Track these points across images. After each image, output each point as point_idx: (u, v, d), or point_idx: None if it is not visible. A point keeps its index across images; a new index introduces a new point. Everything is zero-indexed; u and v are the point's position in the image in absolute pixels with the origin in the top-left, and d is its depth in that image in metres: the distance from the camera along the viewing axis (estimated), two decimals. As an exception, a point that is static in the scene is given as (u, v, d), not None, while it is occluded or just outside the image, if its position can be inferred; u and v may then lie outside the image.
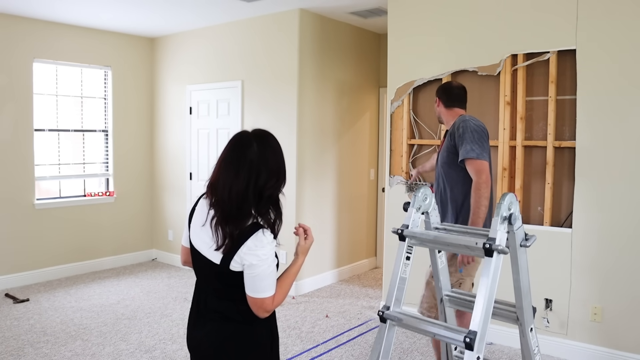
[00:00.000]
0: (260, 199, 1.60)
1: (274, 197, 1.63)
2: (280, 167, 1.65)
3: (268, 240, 1.59)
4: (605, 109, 3.31)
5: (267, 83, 5.08)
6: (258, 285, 1.59)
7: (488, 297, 1.99)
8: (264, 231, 1.59)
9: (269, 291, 1.61)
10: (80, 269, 5.70)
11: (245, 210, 1.59)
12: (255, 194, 1.59)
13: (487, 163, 2.74)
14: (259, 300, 1.60)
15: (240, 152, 1.61)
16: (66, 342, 3.79)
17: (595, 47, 3.33)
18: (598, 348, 3.39)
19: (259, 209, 1.61)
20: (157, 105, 6.25)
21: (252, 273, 1.58)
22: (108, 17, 5.17)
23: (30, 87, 5.23)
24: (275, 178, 1.62)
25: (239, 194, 1.57)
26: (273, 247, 1.62)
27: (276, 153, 1.65)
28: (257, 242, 1.57)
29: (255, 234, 1.58)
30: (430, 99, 4.13)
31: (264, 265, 1.58)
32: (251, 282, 1.59)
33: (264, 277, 1.59)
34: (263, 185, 1.59)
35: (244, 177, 1.57)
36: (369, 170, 5.86)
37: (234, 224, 1.58)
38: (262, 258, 1.58)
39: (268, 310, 1.63)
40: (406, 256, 2.32)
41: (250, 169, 1.58)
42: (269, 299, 1.61)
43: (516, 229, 2.20)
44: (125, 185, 6.09)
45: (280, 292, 1.66)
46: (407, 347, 3.73)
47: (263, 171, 1.59)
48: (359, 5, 4.67)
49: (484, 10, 3.77)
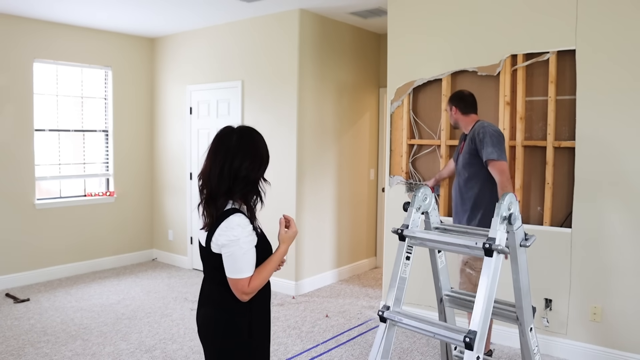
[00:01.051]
0: (236, 179, 1.77)
1: (249, 178, 1.80)
2: (256, 153, 1.82)
3: (238, 222, 1.74)
4: (605, 109, 3.31)
5: (267, 83, 5.08)
6: (232, 266, 1.75)
7: (488, 297, 1.99)
8: (236, 214, 1.75)
9: (244, 273, 1.75)
10: (80, 268, 5.70)
11: (222, 189, 1.77)
12: (230, 175, 1.77)
13: (506, 163, 3.10)
14: (235, 281, 1.75)
15: (220, 141, 1.81)
16: (66, 342, 3.79)
17: (595, 47, 3.33)
18: (598, 348, 3.39)
19: (234, 189, 1.78)
20: (158, 105, 6.26)
21: (226, 253, 1.75)
22: (108, 17, 5.17)
23: (30, 87, 5.24)
24: (250, 161, 1.79)
25: (216, 175, 1.77)
26: (246, 230, 1.76)
27: (254, 142, 1.84)
28: (227, 224, 1.74)
29: (228, 217, 1.75)
30: (430, 99, 4.13)
31: (235, 247, 1.73)
32: (226, 262, 1.76)
33: (236, 257, 1.74)
34: (238, 167, 1.77)
35: (220, 160, 1.78)
36: (369, 170, 5.87)
37: (215, 205, 1.78)
38: (232, 239, 1.73)
39: (245, 292, 1.76)
40: (406, 256, 2.32)
41: (226, 153, 1.78)
42: (244, 280, 1.75)
43: (516, 228, 2.20)
44: (125, 185, 6.09)
45: (257, 276, 1.78)
46: (407, 347, 3.74)
47: (238, 156, 1.77)
48: (359, 5, 4.67)
49: (484, 11, 3.77)
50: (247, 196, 1.82)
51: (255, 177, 1.82)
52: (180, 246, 6.08)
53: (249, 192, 1.82)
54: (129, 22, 5.42)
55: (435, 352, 3.66)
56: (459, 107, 3.32)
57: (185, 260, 6.01)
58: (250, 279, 1.76)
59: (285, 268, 4.98)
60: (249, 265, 1.76)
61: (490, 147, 3.07)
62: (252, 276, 1.77)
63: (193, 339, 3.87)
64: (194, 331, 4.02)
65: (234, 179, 1.77)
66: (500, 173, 3.07)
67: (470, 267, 3.25)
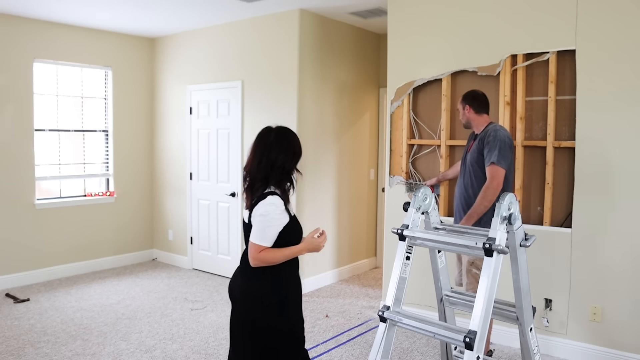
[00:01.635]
0: (272, 169, 2.15)
1: (284, 169, 2.17)
2: (290, 148, 2.20)
3: (272, 201, 2.11)
4: (605, 109, 3.31)
5: (267, 83, 5.08)
6: (255, 232, 2.12)
7: (488, 297, 1.99)
8: (273, 196, 2.13)
9: (262, 241, 2.11)
10: (80, 268, 5.70)
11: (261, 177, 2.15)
12: (267, 166, 2.15)
13: (503, 171, 3.09)
14: (252, 244, 2.12)
15: (260, 138, 2.22)
16: (66, 342, 3.79)
17: (595, 47, 3.33)
18: (598, 348, 3.39)
19: (272, 177, 2.16)
20: (158, 105, 6.26)
21: (256, 222, 2.13)
22: (108, 17, 5.17)
23: (30, 87, 5.24)
24: (284, 154, 2.17)
25: (256, 166, 2.16)
26: (278, 209, 2.12)
27: (288, 139, 2.22)
28: (264, 202, 2.12)
29: (266, 197, 2.12)
30: (430, 99, 4.13)
31: (264, 218, 2.11)
32: (253, 228, 2.14)
33: (261, 227, 2.11)
34: (274, 159, 2.15)
35: (260, 154, 2.17)
36: (369, 170, 5.87)
37: (255, 190, 2.17)
38: (264, 213, 2.11)
39: (254, 257, 2.11)
40: (406, 256, 2.32)
41: (265, 147, 2.18)
42: (258, 246, 2.11)
43: (516, 228, 2.20)
44: (125, 185, 6.09)
45: (270, 252, 2.11)
46: (407, 347, 3.74)
47: (274, 149, 2.16)
48: (359, 6, 4.67)
49: (484, 10, 3.77)
50: (281, 183, 2.18)
51: (289, 168, 2.19)
52: (180, 246, 6.08)
53: (283, 180, 2.18)
54: (129, 22, 5.42)
55: (435, 352, 3.66)
56: (473, 107, 3.30)
57: (185, 260, 6.01)
58: (264, 250, 2.10)
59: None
60: (269, 237, 2.11)
61: (493, 151, 3.08)
62: (267, 248, 2.11)
63: (193, 339, 3.87)
64: (194, 331, 4.02)
65: (271, 169, 2.15)
66: (491, 178, 3.08)
67: (476, 267, 3.24)
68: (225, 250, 5.59)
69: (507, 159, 3.10)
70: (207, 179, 5.72)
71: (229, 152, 5.47)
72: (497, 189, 3.06)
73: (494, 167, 3.07)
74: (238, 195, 5.38)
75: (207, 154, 5.69)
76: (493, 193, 3.06)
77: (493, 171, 3.08)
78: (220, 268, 5.64)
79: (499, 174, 3.07)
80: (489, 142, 3.12)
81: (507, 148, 3.10)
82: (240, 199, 5.36)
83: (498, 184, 3.07)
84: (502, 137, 3.11)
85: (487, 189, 3.08)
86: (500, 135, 3.12)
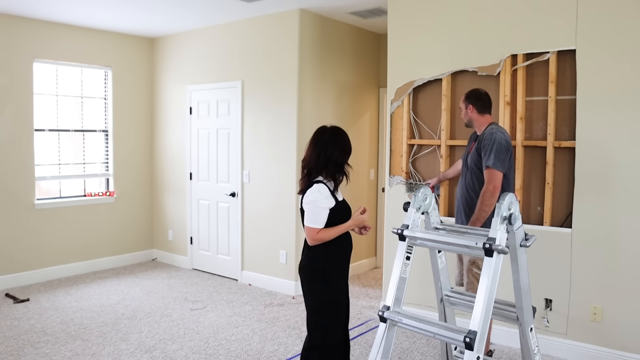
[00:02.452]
0: (328, 163, 2.59)
1: (338, 163, 2.61)
2: (342, 145, 2.65)
3: (317, 189, 2.55)
4: (605, 109, 3.31)
5: (267, 83, 5.08)
6: (308, 217, 2.56)
7: (488, 297, 1.99)
8: (319, 184, 2.56)
9: (312, 223, 2.55)
10: (80, 269, 5.70)
11: (317, 169, 2.59)
12: (324, 160, 2.59)
13: (499, 174, 3.07)
14: (307, 228, 2.56)
15: (317, 136, 2.67)
16: (66, 342, 3.79)
17: (595, 47, 3.33)
18: (598, 348, 3.39)
19: (328, 169, 2.60)
20: (157, 105, 6.26)
21: (306, 208, 2.57)
22: (108, 17, 5.17)
23: (30, 87, 5.24)
24: (338, 150, 2.62)
25: (314, 160, 2.60)
26: (323, 195, 2.54)
27: (341, 137, 2.68)
28: (311, 189, 2.56)
29: (313, 186, 2.56)
30: (430, 99, 4.13)
31: (313, 205, 2.54)
32: (305, 214, 2.59)
33: (311, 212, 2.55)
34: (330, 154, 2.59)
35: (318, 149, 2.61)
36: (369, 170, 5.87)
37: (309, 179, 2.61)
38: (311, 200, 2.55)
39: (313, 238, 2.55)
40: (406, 256, 2.32)
41: (322, 144, 2.61)
42: (312, 229, 2.55)
43: (516, 229, 2.20)
44: (125, 185, 6.09)
45: (326, 231, 2.55)
46: (407, 347, 3.74)
47: (330, 146, 2.60)
48: (359, 5, 4.67)
49: (484, 11, 3.77)
50: (335, 174, 2.61)
51: (342, 162, 2.63)
52: (180, 246, 6.08)
53: (337, 172, 2.61)
54: (129, 22, 5.42)
55: (435, 352, 3.66)
56: (476, 106, 3.26)
57: (185, 260, 6.01)
58: (320, 231, 2.54)
59: (284, 268, 5.01)
60: (319, 220, 2.54)
61: (492, 155, 3.05)
62: (322, 229, 2.54)
63: (193, 339, 3.86)
64: (194, 331, 4.02)
65: (326, 162, 2.58)
66: (487, 182, 3.07)
67: (477, 266, 3.24)
68: (225, 250, 5.59)
69: (503, 162, 3.07)
70: (207, 179, 5.72)
71: (229, 152, 5.47)
72: (494, 193, 3.05)
73: (490, 171, 3.06)
74: (238, 195, 5.38)
75: (207, 154, 5.69)
76: (490, 197, 3.04)
77: (489, 175, 3.06)
78: (220, 268, 5.64)
79: (495, 178, 3.05)
80: (485, 145, 3.10)
81: (503, 151, 3.07)
82: (240, 199, 5.36)
83: (494, 188, 3.05)
84: (499, 139, 3.09)
85: (484, 193, 3.07)
86: (496, 137, 3.09)
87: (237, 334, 3.97)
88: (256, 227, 5.26)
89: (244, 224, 5.37)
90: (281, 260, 5.04)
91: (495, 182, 3.05)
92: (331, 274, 2.61)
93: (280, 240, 5.05)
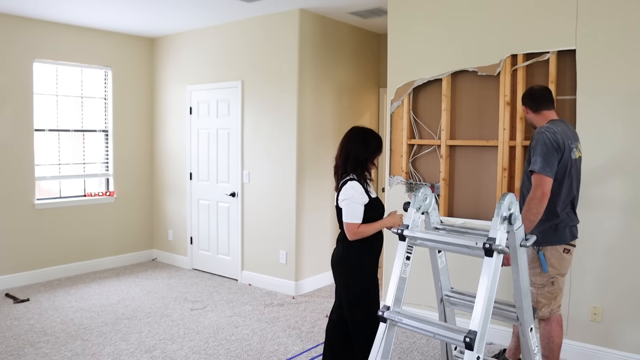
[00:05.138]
0: (356, 161, 2.76)
1: (359, 159, 2.76)
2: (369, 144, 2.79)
3: (352, 186, 2.70)
4: (605, 109, 3.31)
5: (267, 83, 5.08)
6: (346, 214, 2.71)
7: (488, 297, 1.99)
8: (352, 181, 2.72)
9: (351, 219, 2.69)
10: (80, 269, 5.70)
11: (347, 166, 2.77)
12: (351, 158, 2.76)
13: (549, 179, 2.73)
14: (347, 224, 2.71)
15: (348, 136, 2.85)
16: (66, 342, 3.79)
17: (595, 47, 3.33)
18: (598, 348, 3.39)
19: (355, 167, 2.76)
20: (157, 105, 6.26)
21: (343, 205, 2.72)
22: (108, 17, 5.17)
23: (30, 87, 5.24)
24: (363, 149, 2.77)
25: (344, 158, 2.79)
26: (358, 192, 2.69)
27: (366, 136, 2.82)
28: (346, 186, 2.72)
29: (347, 183, 2.72)
30: (430, 99, 4.13)
31: (347, 200, 2.70)
32: (343, 211, 2.73)
33: (348, 208, 2.70)
34: (350, 150, 2.77)
35: (346, 148, 2.80)
36: (369, 170, 5.86)
37: (340, 176, 2.80)
38: (347, 196, 2.70)
39: (354, 232, 2.70)
40: (406, 256, 2.32)
41: (349, 144, 2.80)
42: (352, 224, 2.70)
43: (516, 228, 2.20)
44: (125, 185, 6.09)
45: (365, 227, 2.70)
46: (407, 347, 3.74)
47: (351, 143, 2.79)
48: (359, 5, 4.67)
49: (484, 11, 3.77)
50: (363, 171, 2.78)
51: (363, 158, 2.77)
52: (180, 246, 6.08)
53: (363, 170, 2.78)
54: (129, 22, 5.42)
55: (435, 352, 3.66)
56: (529, 106, 3.03)
57: (185, 260, 6.01)
58: (359, 226, 2.69)
59: (285, 268, 5.01)
60: (357, 215, 2.69)
61: (535, 156, 2.77)
62: (362, 224, 2.69)
63: (193, 339, 3.87)
64: (194, 331, 4.02)
65: (355, 161, 2.75)
66: (534, 187, 2.75)
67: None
68: (225, 250, 5.59)
69: (552, 166, 2.74)
70: (207, 179, 5.72)
71: (228, 152, 5.47)
72: (542, 200, 2.72)
73: (537, 176, 2.74)
74: (238, 195, 5.38)
75: (207, 154, 5.69)
76: (537, 204, 2.71)
77: (536, 180, 2.74)
78: (220, 268, 5.64)
79: (543, 183, 2.72)
80: (532, 147, 2.82)
81: (550, 152, 2.74)
82: (240, 199, 5.36)
83: (543, 194, 2.72)
84: (543, 139, 2.76)
85: (530, 200, 2.74)
86: (541, 138, 2.77)
87: (237, 334, 3.97)
88: (256, 227, 5.26)
89: (244, 224, 5.37)
90: (281, 260, 5.04)
91: (543, 187, 2.72)
92: (366, 268, 2.82)
93: (280, 240, 5.05)
